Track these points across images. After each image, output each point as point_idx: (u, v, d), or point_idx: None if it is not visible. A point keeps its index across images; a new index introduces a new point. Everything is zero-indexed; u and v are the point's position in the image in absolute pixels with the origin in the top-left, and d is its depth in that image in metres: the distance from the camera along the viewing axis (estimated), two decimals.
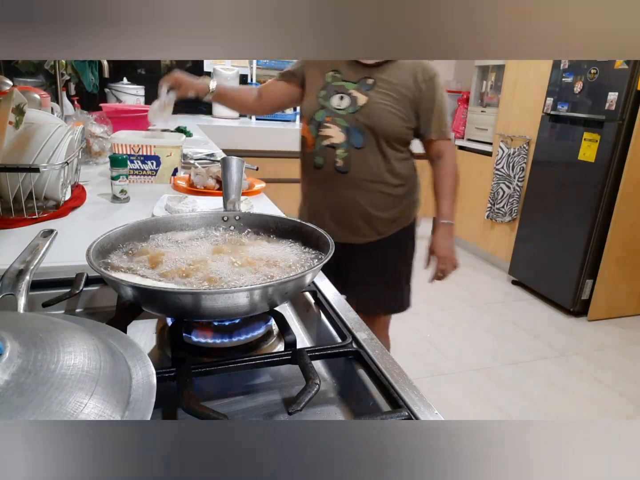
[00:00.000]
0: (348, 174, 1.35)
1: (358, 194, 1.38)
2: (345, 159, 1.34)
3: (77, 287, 0.69)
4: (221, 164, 0.84)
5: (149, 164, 1.50)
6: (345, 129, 1.32)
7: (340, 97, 1.34)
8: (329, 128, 1.34)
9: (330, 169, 1.36)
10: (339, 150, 1.34)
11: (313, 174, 1.41)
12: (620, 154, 2.53)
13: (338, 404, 0.59)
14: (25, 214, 1.03)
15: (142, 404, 0.35)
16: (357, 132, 1.32)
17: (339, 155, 1.34)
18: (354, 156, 1.34)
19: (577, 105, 2.72)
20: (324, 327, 0.72)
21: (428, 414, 0.51)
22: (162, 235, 0.76)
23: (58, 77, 2.06)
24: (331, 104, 1.34)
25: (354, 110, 1.32)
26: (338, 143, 1.34)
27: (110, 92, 3.15)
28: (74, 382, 0.33)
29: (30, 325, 0.40)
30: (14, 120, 1.03)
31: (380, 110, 1.31)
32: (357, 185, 1.37)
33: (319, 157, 1.37)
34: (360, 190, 1.37)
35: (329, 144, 1.35)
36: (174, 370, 0.54)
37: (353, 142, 1.33)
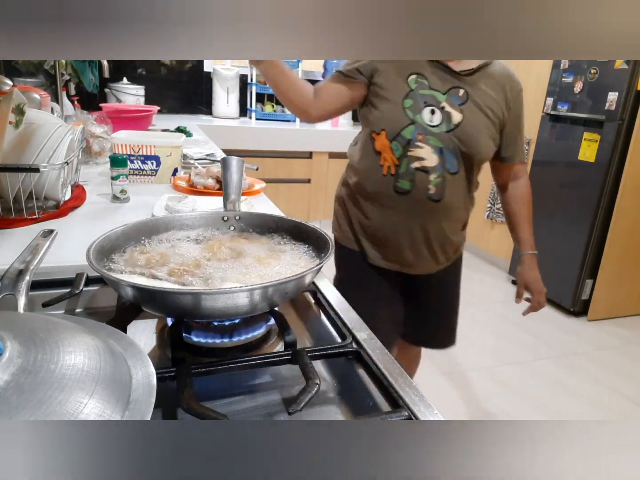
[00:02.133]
0: (440, 203, 1.16)
1: (445, 223, 1.21)
2: (439, 185, 1.14)
3: (77, 287, 0.69)
4: (221, 164, 0.84)
5: (149, 164, 1.50)
6: (438, 150, 1.12)
7: (432, 111, 1.12)
8: (420, 148, 1.12)
9: (421, 196, 1.15)
10: (432, 175, 1.13)
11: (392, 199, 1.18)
12: (620, 154, 2.53)
13: (338, 404, 0.59)
14: (25, 214, 1.03)
15: (142, 404, 0.35)
16: (452, 155, 1.14)
17: (433, 182, 1.14)
18: (449, 183, 1.15)
19: (577, 105, 2.72)
20: (324, 327, 0.72)
21: (428, 414, 0.51)
22: (162, 235, 0.76)
23: (58, 77, 2.06)
24: (422, 118, 1.12)
25: (448, 129, 1.12)
26: (431, 167, 1.13)
27: (110, 92, 3.15)
28: (74, 382, 0.33)
29: (30, 325, 0.40)
30: (14, 120, 1.03)
31: (477, 131, 1.14)
32: (446, 215, 1.20)
33: (404, 181, 1.15)
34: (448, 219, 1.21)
35: (420, 166, 1.13)
36: (174, 370, 0.54)
37: (448, 167, 1.14)
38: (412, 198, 1.16)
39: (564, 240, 2.84)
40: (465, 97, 1.13)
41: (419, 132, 1.12)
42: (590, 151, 2.64)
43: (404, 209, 1.18)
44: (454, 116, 1.12)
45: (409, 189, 1.15)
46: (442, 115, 1.12)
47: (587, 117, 2.65)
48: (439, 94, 1.13)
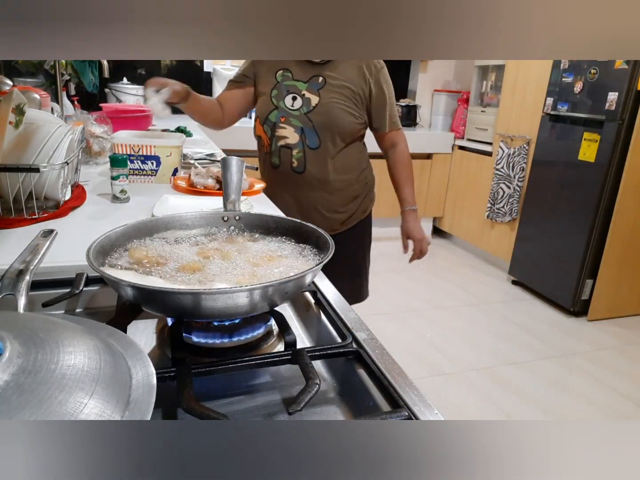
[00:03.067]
0: (304, 174, 1.39)
1: (315, 193, 1.42)
2: (300, 159, 1.38)
3: (77, 287, 0.69)
4: (221, 164, 0.84)
5: (149, 164, 1.50)
6: (299, 129, 1.35)
7: (293, 98, 1.35)
8: (284, 129, 1.37)
9: (287, 169, 1.40)
10: (294, 150, 1.37)
11: (271, 173, 1.45)
12: (620, 154, 2.53)
13: (338, 404, 0.59)
14: (25, 214, 1.03)
15: (142, 404, 0.35)
16: (312, 133, 1.35)
17: (295, 156, 1.38)
18: (309, 157, 1.37)
19: (577, 105, 2.72)
20: (324, 327, 0.72)
21: (428, 414, 0.51)
22: (162, 235, 0.76)
23: (58, 77, 2.06)
24: (285, 104, 1.36)
25: (307, 110, 1.34)
26: (293, 144, 1.37)
27: (110, 92, 3.15)
28: (74, 382, 0.33)
29: (30, 325, 0.39)
30: (14, 120, 1.03)
31: (333, 109, 1.33)
32: (313, 185, 1.41)
33: (275, 157, 1.41)
34: (317, 190, 1.42)
35: (284, 144, 1.38)
36: (174, 370, 0.54)
37: (308, 143, 1.36)
38: (281, 171, 1.42)
39: (564, 240, 2.84)
40: (324, 82, 1.34)
41: (281, 115, 1.36)
42: (590, 151, 2.64)
43: (277, 180, 1.45)
44: (312, 99, 1.34)
45: (278, 164, 1.42)
46: (303, 101, 1.35)
47: (587, 117, 2.65)
48: (301, 83, 1.36)
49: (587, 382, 2.22)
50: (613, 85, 2.51)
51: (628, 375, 2.30)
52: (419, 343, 2.45)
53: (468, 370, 2.25)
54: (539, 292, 3.07)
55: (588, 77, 2.65)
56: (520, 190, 3.19)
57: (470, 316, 2.81)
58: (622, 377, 2.27)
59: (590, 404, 2.06)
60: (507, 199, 3.28)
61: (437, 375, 2.19)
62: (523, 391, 2.11)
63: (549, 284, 2.98)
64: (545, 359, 2.39)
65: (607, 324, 2.79)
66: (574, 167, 2.75)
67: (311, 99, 1.34)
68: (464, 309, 2.89)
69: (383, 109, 1.41)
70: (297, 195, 1.44)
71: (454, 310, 2.87)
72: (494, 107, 3.56)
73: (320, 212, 1.45)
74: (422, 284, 3.21)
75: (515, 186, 3.21)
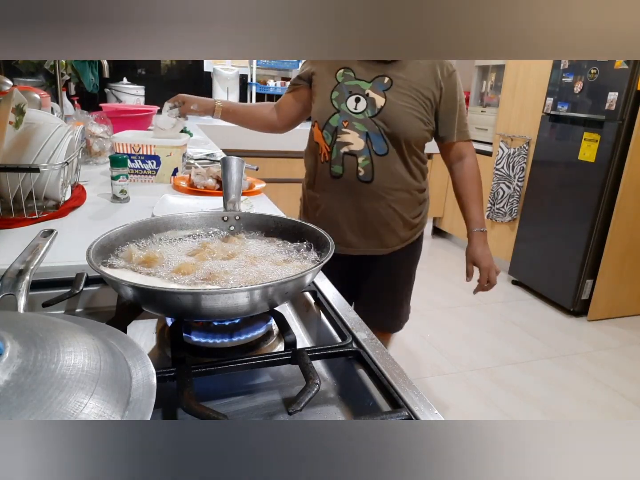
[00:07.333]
0: (372, 183, 1.25)
1: (382, 203, 1.28)
2: (367, 167, 1.23)
3: (77, 287, 0.69)
4: (221, 164, 0.84)
5: (149, 163, 1.50)
6: (364, 134, 1.22)
7: (357, 99, 1.22)
8: (347, 134, 1.23)
9: (352, 178, 1.25)
10: (360, 158, 1.23)
11: (330, 183, 1.29)
12: (620, 154, 2.53)
13: (338, 404, 0.59)
14: (25, 214, 1.03)
15: (142, 404, 0.35)
16: (379, 138, 1.22)
17: (361, 164, 1.23)
18: (377, 164, 1.23)
19: (577, 105, 2.72)
20: (324, 327, 0.72)
21: (428, 414, 0.51)
22: (162, 235, 0.76)
23: (58, 77, 2.06)
24: (347, 106, 1.23)
25: (372, 114, 1.21)
26: (358, 150, 1.23)
27: (110, 92, 3.15)
28: (74, 382, 0.33)
29: (30, 325, 0.39)
30: (14, 120, 1.03)
31: (402, 114, 1.21)
32: (381, 195, 1.27)
33: (337, 165, 1.26)
34: (385, 200, 1.28)
35: (348, 151, 1.23)
36: (174, 370, 0.54)
37: (375, 149, 1.22)
38: (345, 181, 1.26)
39: (564, 240, 2.84)
40: (390, 83, 1.21)
41: (344, 119, 1.23)
42: (590, 151, 2.64)
43: (339, 191, 1.29)
44: (378, 101, 1.21)
45: (341, 173, 1.26)
46: (367, 102, 1.22)
47: (587, 117, 2.65)
48: (364, 82, 1.23)
49: (587, 382, 2.22)
50: (613, 85, 2.51)
51: (628, 375, 2.29)
52: (419, 343, 2.45)
53: (468, 370, 2.25)
54: (539, 292, 3.07)
55: (588, 77, 2.65)
56: (520, 191, 3.18)
57: (470, 316, 2.81)
58: (622, 377, 2.27)
59: (590, 404, 2.06)
60: (507, 199, 3.28)
61: (437, 375, 2.19)
62: (523, 391, 2.11)
63: (549, 284, 2.98)
64: (545, 359, 2.39)
65: (607, 324, 2.79)
66: (574, 167, 2.75)
67: (376, 100, 1.21)
68: (464, 309, 2.89)
69: (453, 116, 1.30)
70: (361, 207, 1.28)
71: (454, 310, 2.87)
72: (494, 107, 3.56)
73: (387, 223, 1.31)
74: (423, 284, 3.21)
75: (515, 186, 3.21)
